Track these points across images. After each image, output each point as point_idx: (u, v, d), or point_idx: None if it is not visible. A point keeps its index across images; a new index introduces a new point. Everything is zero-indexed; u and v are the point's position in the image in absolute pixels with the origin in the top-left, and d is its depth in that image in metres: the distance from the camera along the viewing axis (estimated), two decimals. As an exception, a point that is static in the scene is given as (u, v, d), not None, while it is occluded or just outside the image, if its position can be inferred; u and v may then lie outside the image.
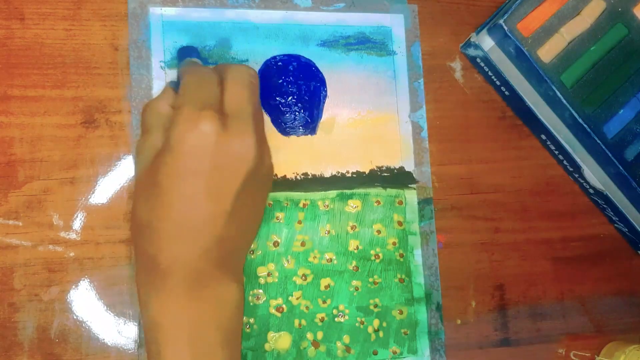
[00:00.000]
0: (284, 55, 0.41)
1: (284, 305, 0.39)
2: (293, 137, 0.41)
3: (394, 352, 0.40)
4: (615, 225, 0.46)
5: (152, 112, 0.34)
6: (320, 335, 0.39)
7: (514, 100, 0.44)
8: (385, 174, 0.42)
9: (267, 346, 0.38)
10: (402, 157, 0.42)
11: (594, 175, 0.44)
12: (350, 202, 0.41)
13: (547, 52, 0.41)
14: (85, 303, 0.37)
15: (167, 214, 0.31)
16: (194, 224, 0.31)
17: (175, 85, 0.35)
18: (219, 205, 0.31)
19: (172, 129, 0.31)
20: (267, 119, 0.40)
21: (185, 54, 0.38)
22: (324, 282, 0.40)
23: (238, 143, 0.31)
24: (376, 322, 0.40)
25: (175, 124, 0.31)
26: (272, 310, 0.39)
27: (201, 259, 0.32)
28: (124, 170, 0.38)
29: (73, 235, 0.37)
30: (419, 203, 0.42)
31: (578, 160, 0.43)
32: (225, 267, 0.33)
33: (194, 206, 0.31)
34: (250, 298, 0.39)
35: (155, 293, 0.31)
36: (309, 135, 0.41)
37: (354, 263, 0.41)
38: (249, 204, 0.34)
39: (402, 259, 0.41)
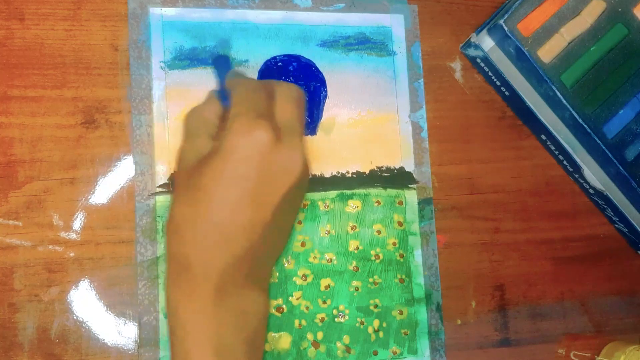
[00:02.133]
0: (284, 55, 0.41)
1: (284, 306, 0.39)
2: (293, 137, 0.40)
3: (394, 353, 0.40)
4: (615, 225, 0.46)
5: (198, 118, 0.34)
6: (320, 335, 0.39)
7: (514, 101, 0.44)
8: (386, 174, 0.42)
9: (267, 346, 0.38)
10: (402, 157, 0.42)
11: (594, 175, 0.44)
12: (351, 202, 0.41)
13: (547, 52, 0.41)
14: (86, 303, 0.37)
15: (208, 217, 0.31)
16: (232, 230, 0.31)
17: (218, 95, 0.35)
18: (260, 214, 0.32)
19: (227, 135, 0.31)
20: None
21: (222, 63, 0.38)
22: (324, 282, 0.40)
23: (288, 156, 0.32)
24: (376, 323, 0.40)
25: (230, 130, 0.31)
26: (272, 311, 0.39)
27: (233, 267, 0.32)
28: (124, 171, 0.38)
29: (73, 236, 0.37)
30: (419, 203, 0.42)
31: (578, 160, 0.43)
32: (254, 277, 0.33)
33: (236, 212, 0.31)
34: (250, 298, 0.39)
35: (186, 298, 0.31)
36: (309, 136, 0.41)
37: (354, 263, 0.41)
38: (285, 217, 0.34)
39: (402, 259, 0.41)
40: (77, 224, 0.37)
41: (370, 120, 0.42)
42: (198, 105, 0.35)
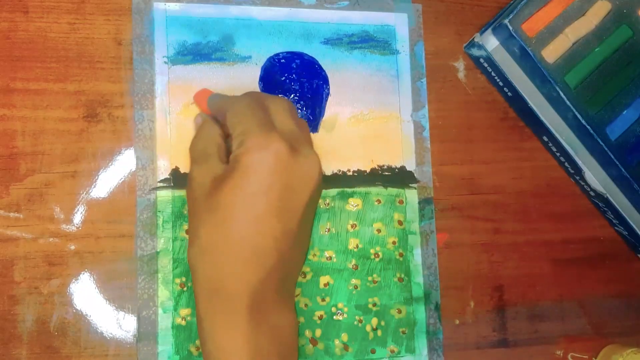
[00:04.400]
0: (287, 52, 0.41)
1: (282, 302, 0.39)
2: (295, 135, 0.41)
3: (392, 351, 0.40)
4: (616, 228, 0.46)
5: (206, 142, 0.35)
6: (318, 332, 0.39)
7: (517, 101, 0.44)
8: (386, 173, 0.42)
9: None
10: (404, 156, 0.42)
11: (596, 177, 0.44)
12: (351, 200, 0.41)
13: (552, 53, 0.41)
14: (85, 296, 0.37)
15: (235, 236, 0.31)
16: (261, 245, 0.31)
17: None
18: (287, 225, 0.32)
19: (243, 153, 0.31)
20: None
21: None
22: (323, 280, 0.40)
23: (307, 162, 0.32)
24: (375, 321, 0.40)
25: (245, 148, 0.31)
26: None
27: (264, 282, 0.31)
28: (125, 165, 0.38)
29: (74, 229, 0.37)
30: (419, 203, 0.42)
31: (579, 162, 0.43)
32: (283, 290, 0.33)
33: (264, 227, 0.31)
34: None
35: (222, 323, 0.31)
36: (311, 133, 0.41)
37: (353, 261, 0.41)
38: (308, 222, 0.34)
39: (401, 258, 0.41)
40: (77, 218, 0.37)
41: (372, 119, 0.42)
42: (198, 131, 0.36)
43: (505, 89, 0.44)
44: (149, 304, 0.37)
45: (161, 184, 0.38)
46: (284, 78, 0.41)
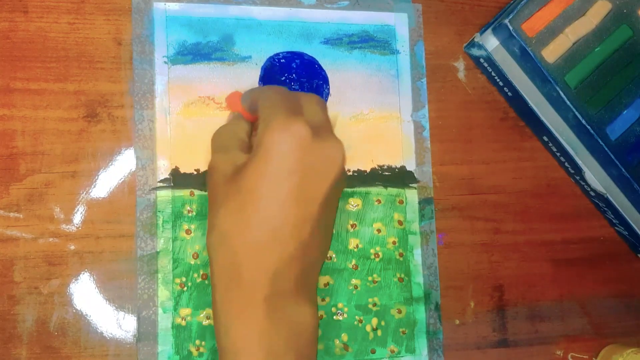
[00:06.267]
0: (287, 52, 0.41)
1: (282, 302, 0.39)
2: (295, 135, 0.40)
3: (392, 351, 0.40)
4: (616, 228, 0.46)
5: (229, 134, 0.35)
6: (318, 332, 0.39)
7: (517, 101, 0.44)
8: (387, 173, 0.42)
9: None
10: (404, 156, 0.42)
11: (596, 177, 0.44)
12: (351, 200, 0.41)
13: (552, 53, 0.41)
14: (85, 296, 0.37)
15: (257, 219, 0.31)
16: (282, 228, 0.31)
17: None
18: (308, 209, 0.31)
19: (265, 134, 0.31)
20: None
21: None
22: (323, 280, 0.40)
23: (329, 146, 0.32)
24: (375, 321, 0.40)
25: (268, 129, 0.31)
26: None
27: (284, 272, 0.31)
28: (125, 165, 0.38)
29: (73, 229, 0.37)
30: (419, 203, 0.42)
31: (579, 162, 0.43)
32: (304, 282, 0.32)
33: (285, 209, 0.31)
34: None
35: (237, 316, 0.31)
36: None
37: (353, 261, 0.41)
38: (330, 211, 0.34)
39: (401, 258, 0.41)
40: (77, 218, 0.37)
41: (373, 119, 0.42)
42: (226, 123, 0.36)
43: (505, 89, 0.44)
44: (149, 304, 0.37)
45: (161, 184, 0.38)
46: (284, 78, 0.41)
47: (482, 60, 0.43)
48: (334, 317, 0.40)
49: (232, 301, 0.31)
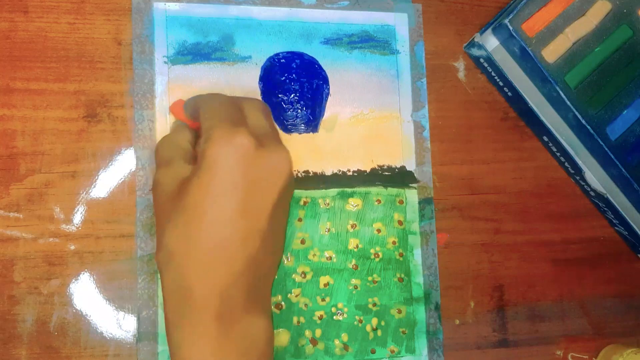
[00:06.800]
0: (287, 52, 0.41)
1: (282, 303, 0.39)
2: (295, 135, 0.41)
3: (392, 351, 0.40)
4: (616, 228, 0.46)
5: (171, 145, 0.34)
6: (318, 332, 0.39)
7: (517, 101, 0.44)
8: (387, 173, 0.42)
9: (265, 343, 0.39)
10: (404, 156, 0.42)
11: (596, 177, 0.44)
12: (351, 200, 0.41)
13: (552, 53, 0.41)
14: (85, 297, 0.37)
15: (201, 237, 0.30)
16: (228, 245, 0.30)
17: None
18: (255, 223, 0.31)
19: (207, 147, 0.30)
20: (269, 115, 0.40)
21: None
22: (323, 280, 0.40)
23: (275, 156, 0.31)
24: (374, 321, 0.40)
25: (210, 142, 0.30)
26: (272, 307, 0.39)
27: (233, 287, 0.30)
28: (125, 165, 0.38)
29: (73, 229, 0.37)
30: (419, 203, 0.42)
31: (579, 162, 0.43)
32: (255, 295, 0.32)
33: (229, 225, 0.30)
34: (249, 294, 0.39)
35: (189, 335, 0.30)
36: (311, 133, 0.41)
37: (353, 261, 0.41)
38: (279, 221, 0.33)
39: (401, 258, 0.41)
40: (77, 218, 0.37)
41: (372, 119, 0.42)
42: (168, 134, 0.35)
43: (505, 89, 0.44)
44: (149, 304, 0.37)
45: (161, 184, 0.38)
46: (284, 78, 0.41)
47: (482, 60, 0.43)
48: (334, 317, 0.40)
49: (184, 320, 0.30)
